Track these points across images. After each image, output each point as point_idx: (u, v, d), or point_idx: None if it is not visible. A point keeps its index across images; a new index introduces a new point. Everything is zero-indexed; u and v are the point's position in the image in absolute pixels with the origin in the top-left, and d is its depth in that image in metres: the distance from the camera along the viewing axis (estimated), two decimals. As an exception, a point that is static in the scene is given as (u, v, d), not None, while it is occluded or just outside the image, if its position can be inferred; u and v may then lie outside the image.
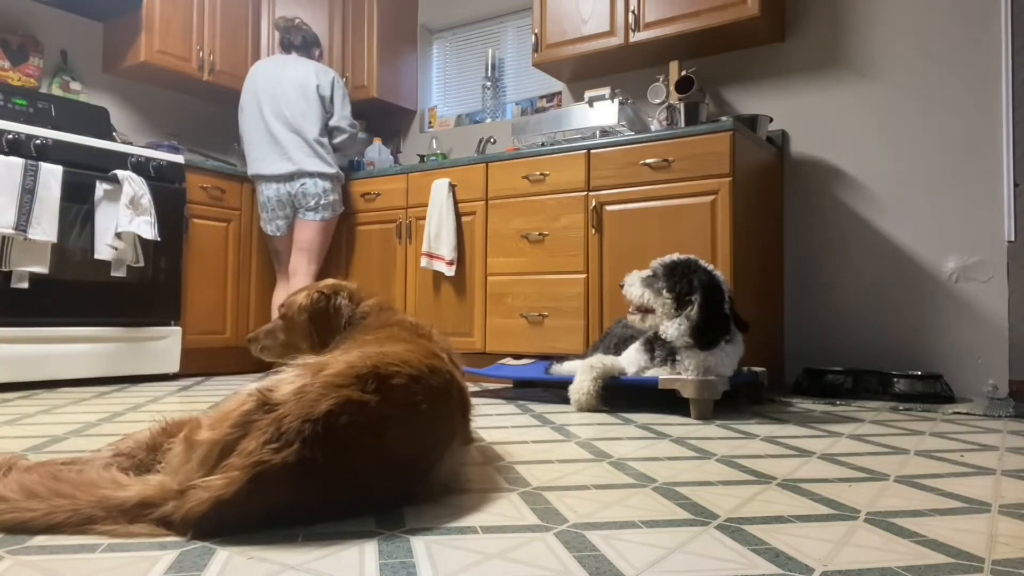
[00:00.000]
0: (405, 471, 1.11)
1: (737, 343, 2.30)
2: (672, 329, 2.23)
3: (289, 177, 3.44)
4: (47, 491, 0.96)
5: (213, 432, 0.98)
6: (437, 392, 1.16)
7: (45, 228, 2.94)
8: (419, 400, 1.11)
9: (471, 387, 3.09)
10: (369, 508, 1.09)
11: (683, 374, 2.24)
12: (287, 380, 1.04)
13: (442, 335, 1.52)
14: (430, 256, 3.48)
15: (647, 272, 2.32)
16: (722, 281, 2.26)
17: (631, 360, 2.41)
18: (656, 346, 2.32)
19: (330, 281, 1.71)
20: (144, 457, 1.09)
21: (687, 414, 2.23)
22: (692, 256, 2.31)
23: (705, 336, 2.19)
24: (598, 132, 3.25)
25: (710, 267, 2.28)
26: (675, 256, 2.31)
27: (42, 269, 2.95)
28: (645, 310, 2.30)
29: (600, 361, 2.39)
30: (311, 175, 3.44)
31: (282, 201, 3.48)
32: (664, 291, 2.24)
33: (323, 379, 1.03)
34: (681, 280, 2.22)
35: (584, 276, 3.09)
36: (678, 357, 2.25)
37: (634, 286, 2.31)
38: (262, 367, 3.24)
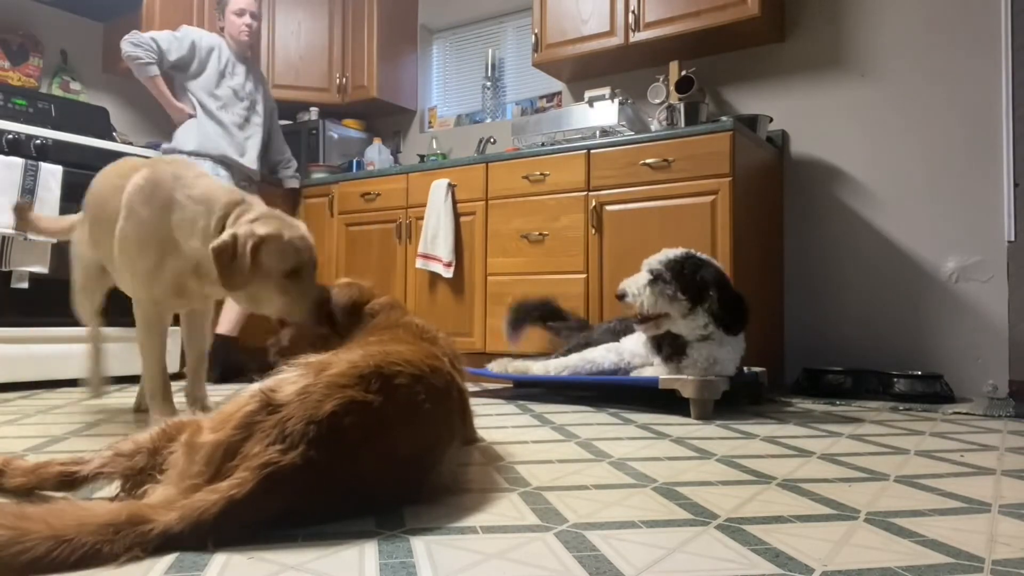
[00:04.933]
0: (408, 470, 1.11)
1: (740, 337, 2.31)
2: (686, 325, 2.23)
3: None
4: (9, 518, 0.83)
5: (216, 434, 0.97)
6: (439, 392, 1.17)
7: (45, 228, 2.94)
8: (422, 400, 1.11)
9: (471, 387, 3.09)
10: (374, 508, 1.09)
11: (688, 368, 2.24)
12: (290, 380, 1.04)
13: (448, 339, 1.53)
14: (426, 257, 3.47)
15: (646, 276, 2.24)
16: (721, 267, 2.29)
17: (632, 351, 2.41)
18: (665, 342, 2.31)
19: (343, 281, 1.73)
20: (145, 462, 1.08)
21: (687, 414, 2.23)
22: (686, 249, 2.30)
23: (733, 323, 2.22)
24: (598, 132, 3.25)
25: (705, 256, 2.30)
26: (670, 253, 2.27)
27: (42, 269, 2.95)
28: (658, 316, 2.24)
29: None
30: None
31: None
32: (679, 293, 2.20)
33: (326, 379, 1.03)
34: (691, 278, 2.21)
35: (584, 276, 3.09)
36: (688, 350, 2.25)
37: (642, 295, 2.21)
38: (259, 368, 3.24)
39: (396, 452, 1.07)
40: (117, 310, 3.28)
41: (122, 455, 1.09)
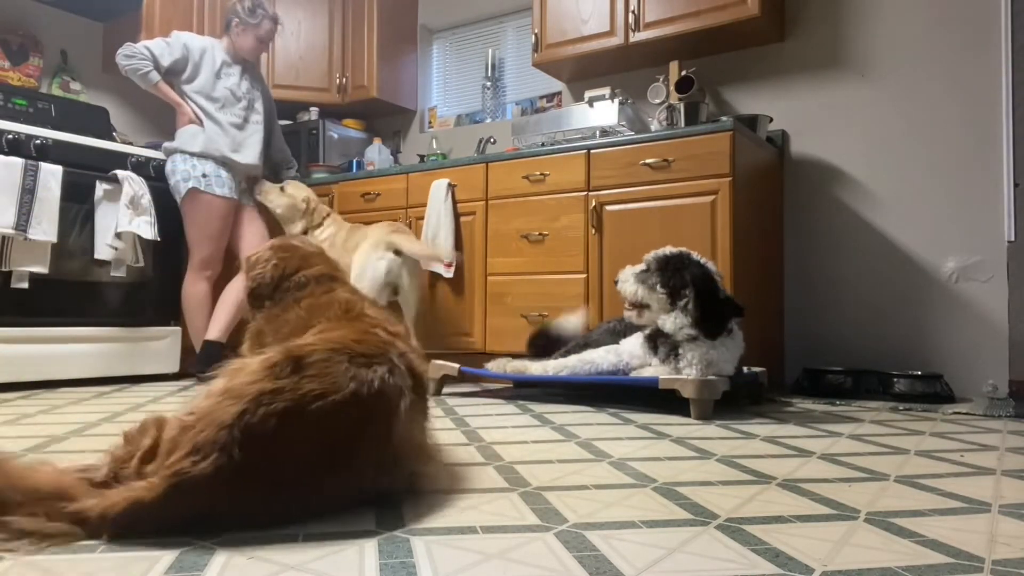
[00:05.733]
0: (347, 450, 1.05)
1: (737, 338, 2.31)
2: (669, 323, 2.25)
3: None
4: None
5: (156, 465, 1.00)
6: (366, 357, 1.11)
7: (45, 228, 2.94)
8: (343, 369, 1.06)
9: (471, 387, 3.09)
10: (322, 501, 1.05)
11: (686, 369, 2.24)
12: (208, 392, 1.04)
13: (378, 308, 1.44)
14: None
15: (641, 267, 2.34)
16: (714, 272, 2.29)
17: (631, 352, 2.41)
18: (659, 342, 2.33)
19: (275, 241, 1.64)
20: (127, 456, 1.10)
21: (687, 414, 2.23)
22: (685, 249, 2.33)
23: (708, 326, 2.22)
24: (598, 132, 3.25)
25: (703, 259, 2.31)
26: (668, 249, 2.33)
27: (42, 269, 2.95)
28: (640, 306, 2.33)
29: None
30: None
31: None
32: (658, 286, 2.27)
33: (236, 382, 1.03)
34: (674, 274, 2.25)
35: (584, 276, 3.09)
36: (680, 351, 2.26)
37: (628, 282, 2.33)
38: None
39: (323, 426, 1.02)
40: (118, 310, 3.29)
41: (119, 459, 1.10)
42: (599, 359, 2.47)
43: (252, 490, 0.98)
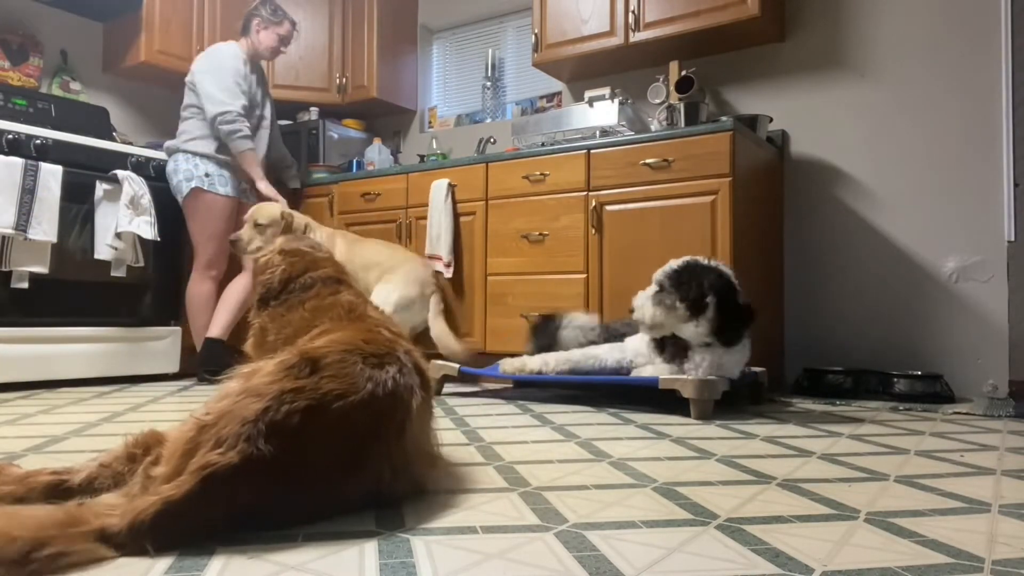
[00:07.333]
0: (366, 449, 1.06)
1: (746, 344, 2.30)
2: (688, 331, 2.23)
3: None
4: None
5: (166, 466, 0.97)
6: (377, 357, 1.12)
7: (45, 228, 2.94)
8: (358, 369, 1.07)
9: (471, 388, 3.09)
10: (342, 501, 1.06)
11: (692, 371, 2.24)
12: (223, 395, 1.03)
13: (380, 311, 1.46)
14: (431, 258, 3.47)
15: (653, 288, 2.27)
16: (730, 274, 2.25)
17: (636, 350, 2.41)
18: (667, 342, 2.32)
19: (284, 245, 1.64)
20: (125, 468, 1.08)
21: (687, 414, 2.23)
22: (692, 257, 2.29)
23: (728, 334, 2.20)
24: (598, 132, 3.25)
25: (714, 263, 2.27)
26: (676, 263, 2.28)
27: (42, 269, 2.95)
28: (661, 326, 2.27)
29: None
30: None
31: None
32: (677, 303, 2.21)
33: (255, 383, 1.02)
34: (691, 286, 2.20)
35: (584, 276, 3.09)
36: (690, 354, 2.25)
37: (645, 307, 2.26)
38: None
39: (351, 429, 1.02)
40: (118, 310, 3.29)
41: (106, 466, 1.09)
42: (604, 354, 2.46)
43: (279, 485, 0.97)
